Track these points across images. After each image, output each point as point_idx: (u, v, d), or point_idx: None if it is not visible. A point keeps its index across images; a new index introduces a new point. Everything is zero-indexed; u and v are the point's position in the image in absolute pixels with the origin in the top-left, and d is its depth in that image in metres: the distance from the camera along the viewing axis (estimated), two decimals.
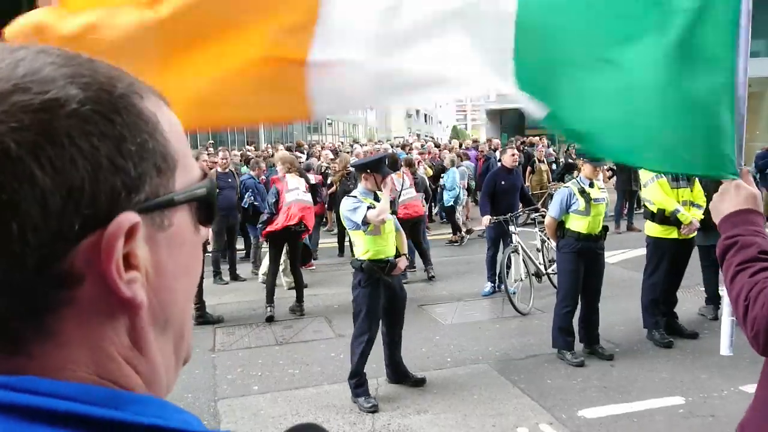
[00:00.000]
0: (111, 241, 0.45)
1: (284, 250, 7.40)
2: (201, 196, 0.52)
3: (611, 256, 9.55)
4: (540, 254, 7.83)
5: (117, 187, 0.45)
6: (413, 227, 8.22)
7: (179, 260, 0.51)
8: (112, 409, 0.44)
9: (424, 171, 11.89)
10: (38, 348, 0.44)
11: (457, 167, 11.78)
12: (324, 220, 11.58)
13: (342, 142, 23.57)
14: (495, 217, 7.40)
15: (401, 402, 4.66)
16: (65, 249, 0.43)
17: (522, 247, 7.23)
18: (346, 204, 4.67)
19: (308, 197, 7.15)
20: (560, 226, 5.54)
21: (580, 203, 5.39)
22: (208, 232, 0.58)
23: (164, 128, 0.50)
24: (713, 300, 6.46)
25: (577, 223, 5.42)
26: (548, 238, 7.49)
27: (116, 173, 0.45)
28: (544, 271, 7.69)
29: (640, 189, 8.16)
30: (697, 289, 7.11)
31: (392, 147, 18.64)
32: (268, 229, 6.94)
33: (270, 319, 6.82)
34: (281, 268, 7.81)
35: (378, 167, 4.79)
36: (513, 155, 7.87)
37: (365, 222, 4.50)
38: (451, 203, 10.92)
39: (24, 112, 0.42)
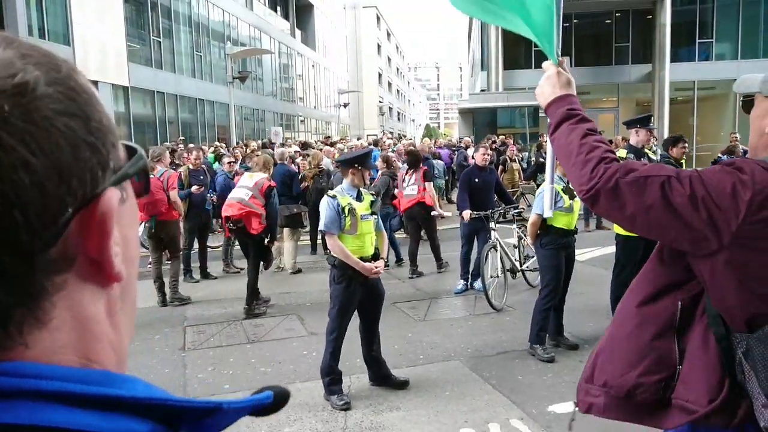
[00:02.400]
0: (106, 219, 0.46)
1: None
2: (143, 167, 0.53)
3: (581, 254, 9.70)
4: (516, 251, 7.90)
5: (95, 165, 0.46)
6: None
7: (134, 231, 0.53)
8: (111, 388, 0.44)
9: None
10: (34, 337, 0.44)
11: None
12: None
13: (316, 141, 23.45)
14: (476, 213, 7.46)
15: (374, 399, 4.66)
16: (61, 231, 0.44)
17: (500, 243, 7.31)
18: (323, 204, 4.66)
19: (243, 195, 6.82)
20: (542, 224, 5.64)
21: (564, 201, 5.53)
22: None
23: (101, 101, 0.50)
24: None
25: (561, 220, 5.54)
26: (525, 235, 7.59)
27: (91, 151, 0.45)
28: (519, 268, 7.77)
29: None
30: None
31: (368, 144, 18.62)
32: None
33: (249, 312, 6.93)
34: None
35: (366, 162, 4.78)
36: (484, 154, 7.94)
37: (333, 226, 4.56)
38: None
39: (2, 98, 0.41)
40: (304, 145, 14.03)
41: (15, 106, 0.41)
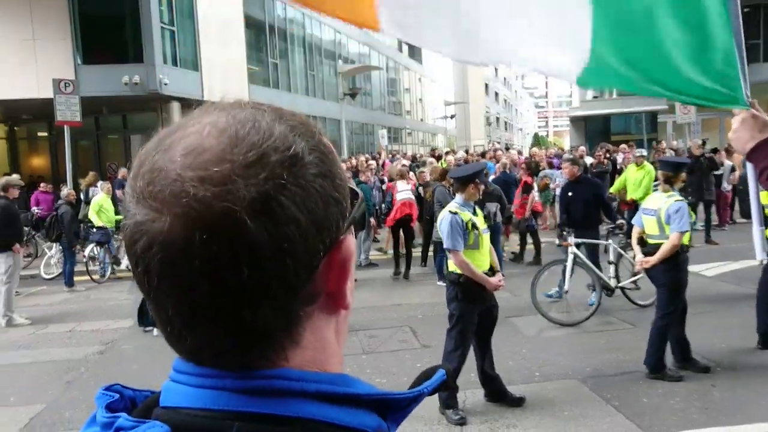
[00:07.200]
0: (348, 263, 0.58)
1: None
2: (364, 211, 0.63)
3: (708, 269, 9.07)
4: (611, 267, 7.43)
5: (338, 216, 0.56)
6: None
7: (353, 264, 0.62)
8: (349, 387, 0.55)
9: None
10: (291, 353, 0.56)
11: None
12: None
13: (421, 154, 23.68)
14: (563, 236, 7.47)
15: (489, 415, 4.63)
16: (314, 273, 0.54)
17: (579, 259, 7.11)
18: (445, 220, 4.60)
19: (411, 195, 9.95)
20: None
21: (691, 216, 5.27)
22: None
23: (338, 156, 0.60)
24: None
25: (685, 236, 5.21)
26: (625, 252, 7.32)
27: (336, 205, 0.56)
28: (612, 285, 7.33)
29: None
30: None
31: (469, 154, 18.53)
32: (388, 220, 9.99)
33: (397, 274, 9.81)
34: None
35: (482, 176, 4.80)
36: (567, 169, 7.81)
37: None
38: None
39: (282, 169, 0.52)
40: (414, 159, 14.25)
41: (290, 175, 0.52)
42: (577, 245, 7.36)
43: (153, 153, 0.54)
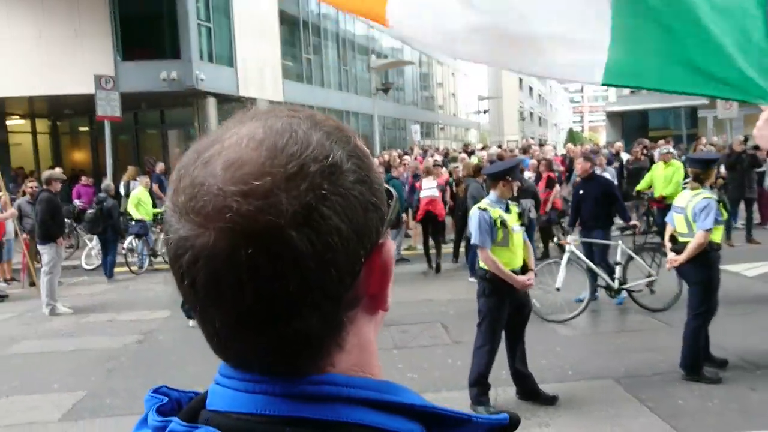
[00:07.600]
0: (389, 266, 0.59)
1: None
2: (398, 210, 0.63)
3: (749, 269, 8.84)
4: (618, 268, 7.25)
5: (377, 221, 0.56)
6: None
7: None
8: (394, 395, 0.56)
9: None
10: (337, 358, 0.57)
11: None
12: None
13: (454, 149, 23.55)
14: (565, 234, 7.47)
15: (521, 413, 4.60)
16: (356, 279, 0.55)
17: (577, 257, 7.04)
18: (474, 217, 4.62)
19: (435, 192, 9.89)
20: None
21: (722, 214, 5.13)
22: None
23: (372, 158, 0.60)
24: None
25: (716, 234, 5.10)
26: (634, 255, 7.26)
27: (375, 211, 0.56)
28: (615, 286, 7.18)
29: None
30: None
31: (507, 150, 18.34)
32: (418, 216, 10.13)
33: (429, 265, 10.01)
34: None
35: (516, 173, 4.76)
36: (579, 165, 7.86)
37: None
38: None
39: (323, 179, 0.52)
40: (447, 155, 14.20)
41: (330, 184, 0.52)
42: (588, 245, 7.31)
43: (192, 167, 0.53)
